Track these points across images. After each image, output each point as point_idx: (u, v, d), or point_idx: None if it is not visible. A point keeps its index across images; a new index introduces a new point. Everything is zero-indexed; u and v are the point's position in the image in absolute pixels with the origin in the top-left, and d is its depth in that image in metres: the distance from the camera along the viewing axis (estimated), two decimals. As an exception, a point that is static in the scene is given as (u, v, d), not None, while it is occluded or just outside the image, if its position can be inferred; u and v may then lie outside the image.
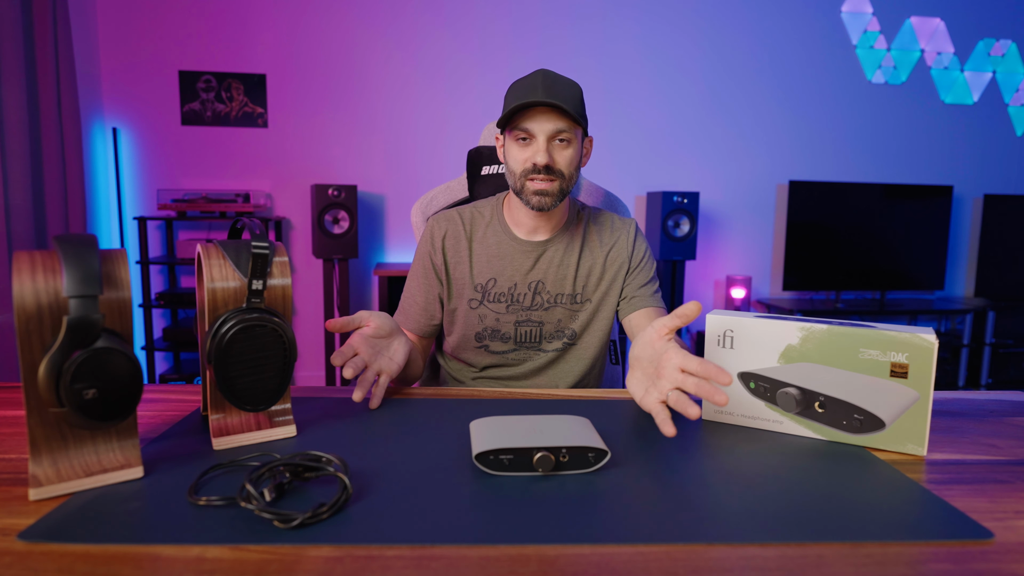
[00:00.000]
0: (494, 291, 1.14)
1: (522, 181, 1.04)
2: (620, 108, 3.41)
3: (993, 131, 3.62)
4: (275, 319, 0.70)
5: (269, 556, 0.48)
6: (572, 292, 1.14)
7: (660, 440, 0.75)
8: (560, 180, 1.04)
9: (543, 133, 1.01)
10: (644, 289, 1.15)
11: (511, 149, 1.06)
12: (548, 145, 1.02)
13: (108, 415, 0.57)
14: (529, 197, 1.04)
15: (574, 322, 1.15)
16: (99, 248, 0.57)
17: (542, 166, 1.01)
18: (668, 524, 0.54)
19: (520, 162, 1.04)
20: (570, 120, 1.01)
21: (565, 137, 1.02)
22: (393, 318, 1.11)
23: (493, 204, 1.18)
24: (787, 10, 3.42)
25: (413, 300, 1.17)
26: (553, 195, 1.04)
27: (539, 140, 1.01)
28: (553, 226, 1.14)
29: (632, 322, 1.14)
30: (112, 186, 3.16)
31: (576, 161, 1.05)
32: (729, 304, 3.38)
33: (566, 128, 1.01)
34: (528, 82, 1.01)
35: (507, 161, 1.07)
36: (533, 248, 1.13)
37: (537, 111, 1.00)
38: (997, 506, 0.59)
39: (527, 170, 1.03)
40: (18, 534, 0.50)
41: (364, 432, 0.76)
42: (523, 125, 1.01)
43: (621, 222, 1.19)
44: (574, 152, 1.04)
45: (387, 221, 3.38)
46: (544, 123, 1.00)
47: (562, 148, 1.03)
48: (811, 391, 0.75)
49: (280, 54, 3.19)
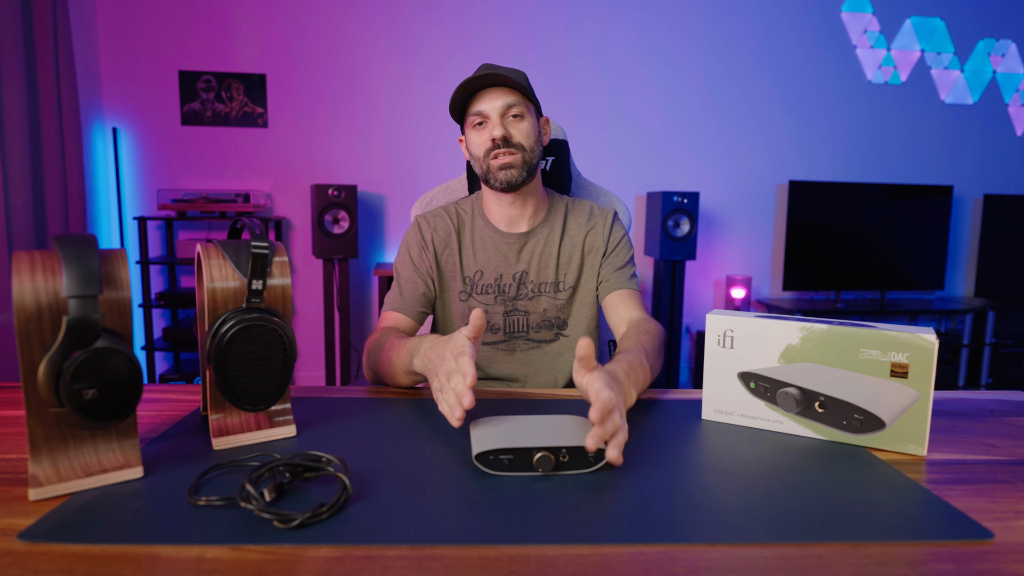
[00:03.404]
0: (481, 283, 1.16)
1: (487, 162, 1.08)
2: (620, 108, 3.41)
3: (993, 131, 3.62)
4: (275, 319, 0.70)
5: (269, 556, 0.48)
6: (555, 280, 1.17)
7: (660, 440, 0.75)
8: (521, 152, 1.07)
9: (495, 111, 1.05)
10: (619, 272, 1.16)
11: (470, 136, 1.10)
12: (502, 121, 1.06)
13: (108, 415, 0.57)
14: (496, 175, 1.07)
15: (559, 310, 1.17)
16: (99, 248, 0.57)
17: (500, 139, 1.04)
18: (668, 524, 0.54)
19: (480, 144, 1.08)
20: (519, 95, 1.06)
21: (517, 112, 1.06)
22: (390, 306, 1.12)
23: (472, 200, 1.21)
24: (787, 10, 3.42)
25: (415, 286, 1.13)
26: (517, 167, 1.07)
27: (493, 118, 1.06)
28: (531, 216, 1.16)
29: (607, 304, 1.15)
30: (112, 186, 3.15)
31: (534, 135, 1.09)
32: (729, 304, 3.37)
33: (516, 102, 1.06)
34: (471, 75, 1.06)
35: (469, 150, 1.11)
36: (515, 240, 1.16)
37: (484, 93, 1.06)
38: (997, 506, 0.59)
39: (488, 149, 1.06)
40: (18, 534, 0.50)
41: (364, 432, 0.76)
42: (475, 109, 1.07)
43: (599, 210, 1.21)
44: (529, 126, 1.08)
45: (387, 221, 3.38)
46: (493, 100, 1.05)
47: (516, 122, 1.07)
48: (811, 391, 0.75)
49: (280, 54, 3.19)
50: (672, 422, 0.82)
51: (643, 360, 0.88)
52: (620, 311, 1.12)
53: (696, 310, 3.56)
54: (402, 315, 1.12)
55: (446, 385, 0.72)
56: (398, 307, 1.13)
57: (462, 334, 0.74)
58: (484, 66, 1.08)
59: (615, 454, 0.63)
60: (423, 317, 1.16)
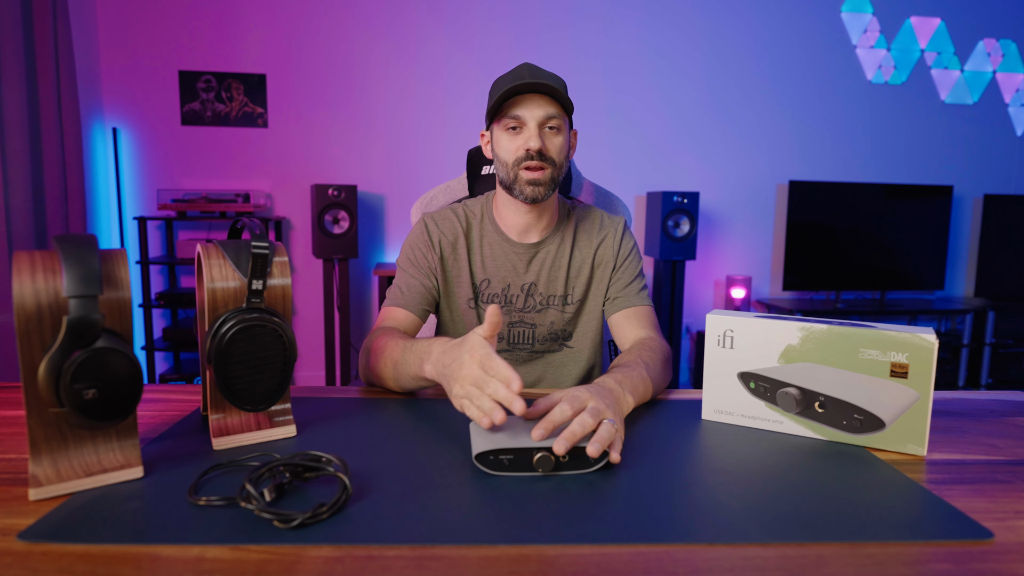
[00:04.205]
0: (487, 292, 1.13)
1: (515, 171, 1.02)
2: (620, 108, 3.41)
3: (993, 131, 3.62)
4: (275, 319, 0.70)
5: (269, 556, 0.48)
6: (563, 293, 1.14)
7: (660, 440, 0.75)
8: (552, 168, 1.02)
9: (534, 119, 1.00)
10: (628, 289, 1.14)
11: (501, 139, 1.04)
12: (540, 132, 1.01)
13: (108, 415, 0.57)
14: (523, 187, 1.02)
15: (567, 323, 1.15)
16: (99, 248, 0.57)
17: (535, 151, 0.99)
18: (668, 524, 0.54)
19: (512, 151, 1.02)
20: (559, 107, 1.01)
21: (555, 124, 1.01)
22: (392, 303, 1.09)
23: (482, 204, 1.16)
24: (787, 10, 3.42)
25: (420, 283, 1.10)
26: (545, 184, 1.03)
27: (530, 126, 1.00)
28: (544, 227, 1.13)
29: (615, 322, 1.13)
30: (112, 186, 3.16)
31: (566, 150, 1.05)
32: (729, 304, 3.38)
33: (556, 114, 1.01)
34: (514, 73, 1.02)
35: (497, 153, 1.05)
36: (526, 251, 1.12)
37: (526, 98, 1.00)
38: (997, 506, 0.59)
39: (520, 158, 1.01)
40: (18, 534, 0.50)
41: (364, 432, 0.76)
42: (513, 112, 1.00)
43: (609, 219, 1.18)
44: (564, 140, 1.04)
45: (387, 221, 3.38)
46: (534, 109, 1.00)
47: (553, 135, 1.02)
48: (811, 391, 0.75)
49: (280, 54, 3.19)
50: (672, 422, 0.82)
51: (641, 371, 0.87)
52: (627, 331, 1.09)
53: (696, 310, 3.56)
54: (405, 311, 1.07)
55: (474, 392, 0.67)
56: (401, 303, 1.08)
57: (477, 334, 0.70)
58: (528, 67, 1.01)
59: (594, 449, 0.63)
60: (426, 315, 1.12)
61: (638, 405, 0.85)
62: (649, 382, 0.87)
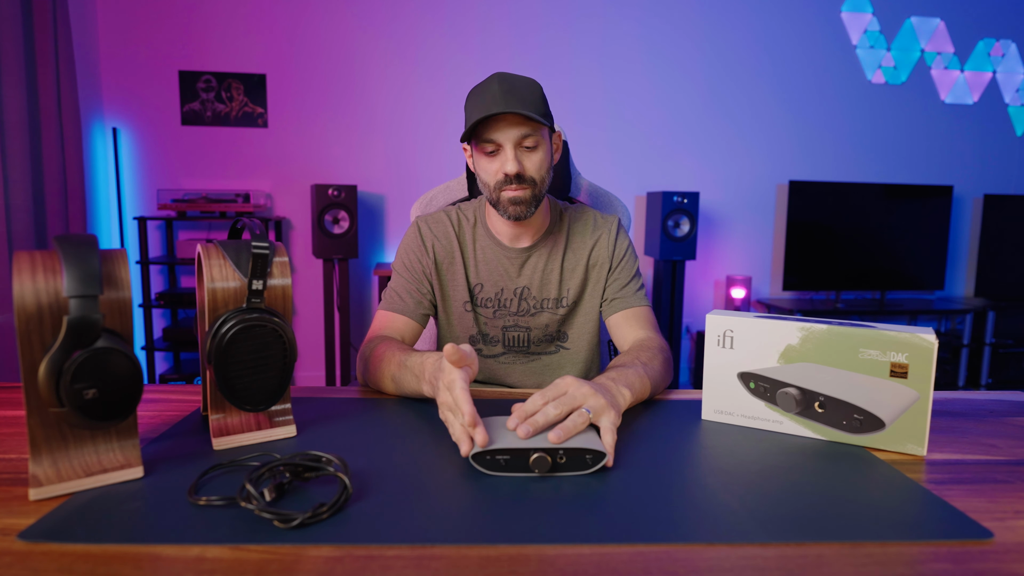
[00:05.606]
0: (481, 296, 1.13)
1: (497, 193, 1.03)
2: (620, 108, 3.41)
3: (993, 131, 3.62)
4: (275, 319, 0.70)
5: (269, 556, 0.48)
6: (557, 296, 1.14)
7: (660, 440, 0.75)
8: (532, 187, 1.03)
9: (509, 141, 1.00)
10: (625, 289, 1.13)
11: (480, 162, 1.05)
12: (516, 152, 1.00)
13: (108, 415, 0.57)
14: (506, 207, 1.04)
15: (562, 325, 1.15)
16: (99, 248, 0.57)
17: (513, 175, 1.00)
18: (668, 524, 0.54)
19: (492, 173, 1.03)
20: (533, 123, 1.00)
21: (530, 143, 1.01)
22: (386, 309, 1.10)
23: (475, 208, 1.17)
24: (787, 10, 3.42)
25: (416, 288, 1.11)
26: (527, 202, 1.03)
27: (506, 149, 1.00)
28: (535, 231, 1.13)
29: (613, 323, 1.13)
30: (112, 186, 3.16)
31: (547, 164, 1.04)
32: (729, 304, 3.38)
33: (531, 132, 1.00)
34: (486, 90, 1.00)
35: (479, 173, 1.07)
36: (518, 255, 1.13)
37: (499, 119, 0.99)
38: (997, 506, 0.59)
39: (500, 181, 1.02)
40: (18, 534, 0.50)
41: (364, 432, 0.76)
42: (487, 136, 1.00)
43: (603, 219, 1.17)
44: (543, 156, 1.03)
45: (387, 221, 3.38)
46: (508, 131, 0.99)
47: (530, 154, 1.02)
48: (811, 391, 0.75)
49: (280, 54, 3.19)
50: (672, 422, 0.82)
51: (638, 369, 0.87)
52: (625, 332, 1.09)
53: (696, 310, 3.56)
54: (404, 318, 1.09)
55: (449, 417, 0.71)
56: (398, 308, 1.09)
57: (448, 360, 0.70)
58: (499, 80, 0.99)
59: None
60: (425, 320, 1.13)
61: (637, 402, 0.85)
62: (647, 379, 0.87)
